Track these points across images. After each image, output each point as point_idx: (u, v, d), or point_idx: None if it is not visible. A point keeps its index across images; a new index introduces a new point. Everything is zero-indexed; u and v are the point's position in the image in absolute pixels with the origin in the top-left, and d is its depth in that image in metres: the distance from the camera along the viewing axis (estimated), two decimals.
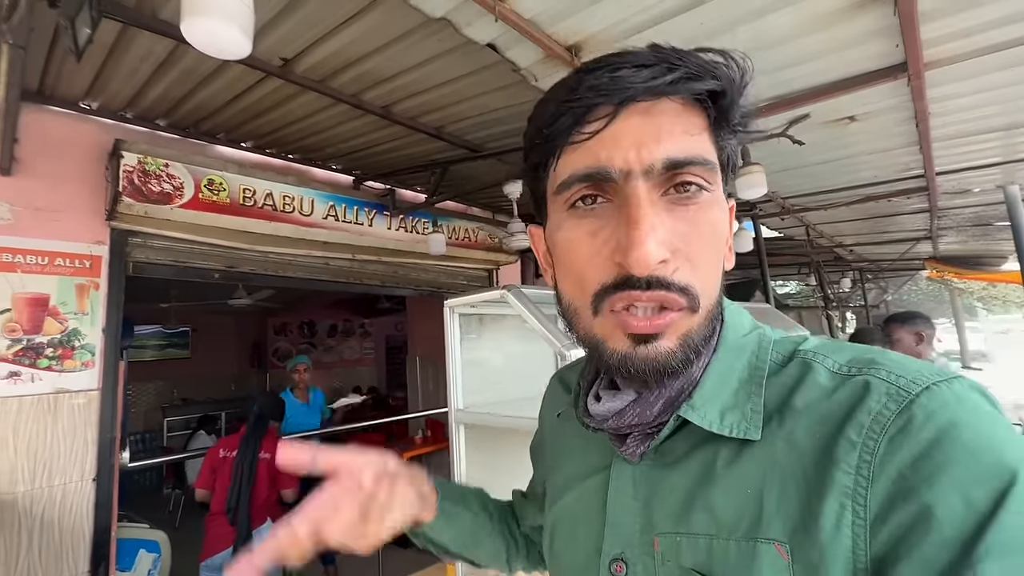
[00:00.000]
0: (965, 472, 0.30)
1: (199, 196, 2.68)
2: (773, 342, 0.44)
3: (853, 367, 0.38)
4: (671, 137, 0.37)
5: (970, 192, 3.12)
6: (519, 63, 1.58)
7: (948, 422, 0.32)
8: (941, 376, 0.34)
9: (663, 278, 0.36)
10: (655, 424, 0.42)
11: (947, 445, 0.31)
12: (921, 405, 0.33)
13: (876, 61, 1.56)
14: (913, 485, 0.31)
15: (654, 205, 0.37)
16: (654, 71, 0.37)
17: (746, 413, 0.39)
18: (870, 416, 0.34)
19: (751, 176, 2.14)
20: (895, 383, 0.35)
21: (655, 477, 0.43)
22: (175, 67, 2.08)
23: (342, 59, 1.94)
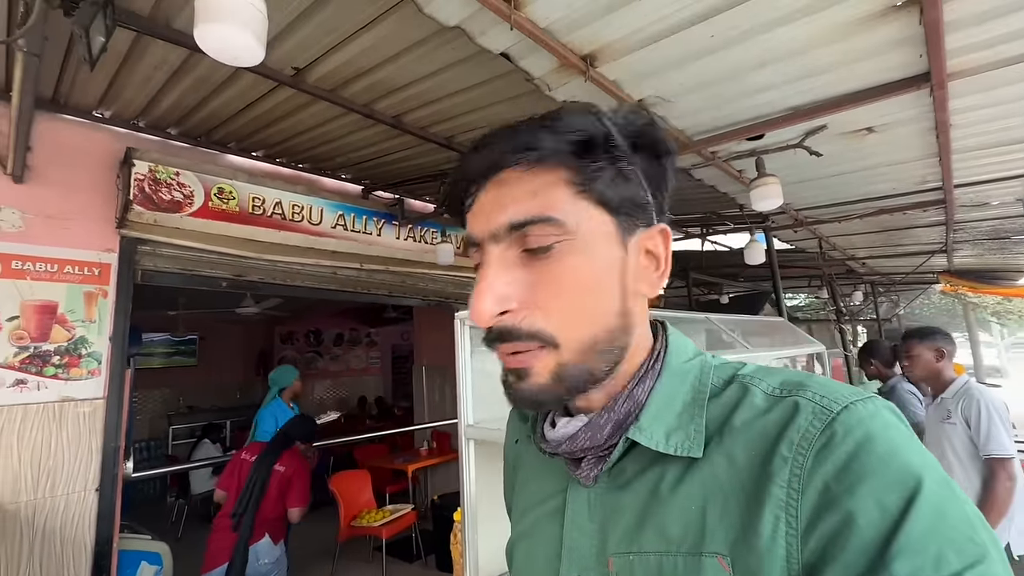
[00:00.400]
0: (879, 481, 0.33)
1: (209, 204, 2.68)
2: (714, 367, 0.46)
3: (784, 389, 0.41)
4: (515, 202, 0.41)
5: (988, 205, 3.06)
6: (533, 72, 1.56)
7: (863, 436, 0.35)
8: (858, 396, 0.38)
9: (510, 327, 0.41)
10: (606, 447, 0.45)
11: (863, 457, 0.34)
12: (841, 422, 0.36)
13: (897, 71, 1.53)
14: (836, 495, 0.34)
15: (503, 264, 0.42)
16: (495, 147, 0.42)
17: (689, 433, 0.42)
18: (799, 433, 0.37)
19: (766, 187, 2.10)
20: (819, 403, 0.38)
21: (609, 499, 0.45)
22: (188, 75, 2.08)
23: (354, 68, 1.94)
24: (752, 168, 2.48)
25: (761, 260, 3.42)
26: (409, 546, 4.39)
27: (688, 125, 1.97)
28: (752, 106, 1.79)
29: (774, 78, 1.57)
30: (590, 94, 1.68)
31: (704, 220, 4.68)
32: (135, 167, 2.43)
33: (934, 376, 2.36)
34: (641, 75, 1.56)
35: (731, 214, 4.14)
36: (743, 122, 1.92)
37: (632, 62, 1.49)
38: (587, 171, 0.42)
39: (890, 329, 8.59)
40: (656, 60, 1.47)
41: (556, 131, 0.41)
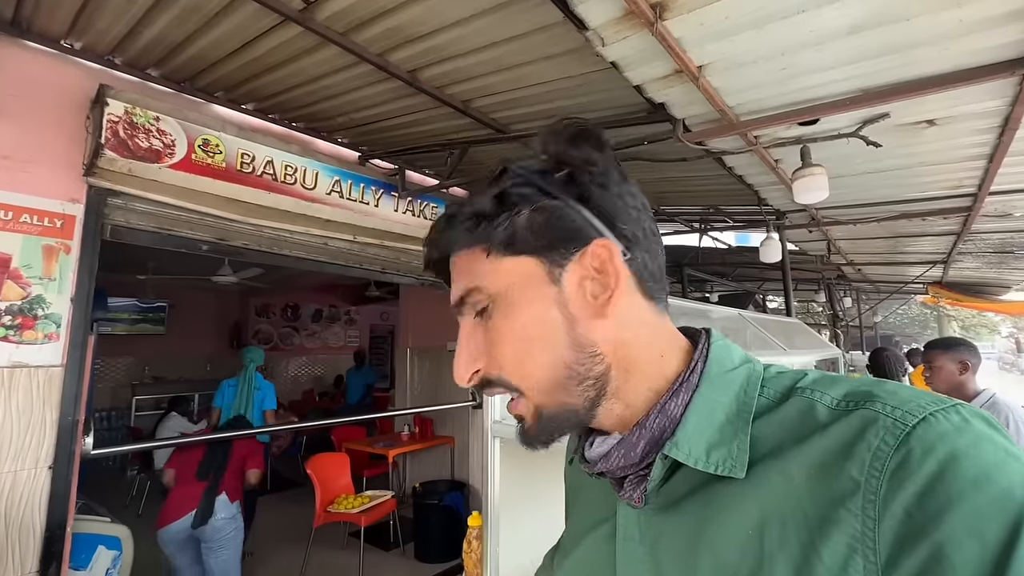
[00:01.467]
0: (972, 508, 0.29)
1: (192, 157, 2.39)
2: (765, 378, 0.44)
3: (850, 401, 0.38)
4: (458, 278, 0.47)
5: (1010, 216, 3.00)
6: (591, 21, 1.35)
7: (948, 454, 0.31)
8: (938, 405, 0.34)
9: (486, 379, 0.45)
10: (643, 465, 0.44)
11: (949, 479, 0.30)
12: (918, 437, 0.32)
13: (993, 53, 1.37)
14: (921, 525, 0.30)
15: (468, 331, 0.47)
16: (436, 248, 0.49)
17: (732, 450, 0.39)
18: (870, 452, 0.33)
19: (813, 179, 1.95)
20: (891, 415, 0.34)
21: (658, 521, 0.43)
22: (176, 3, 1.80)
23: (374, 6, 1.69)
24: (788, 159, 2.33)
25: (777, 258, 3.30)
26: (386, 534, 4.23)
27: (740, 102, 1.79)
28: (819, 84, 1.62)
29: (859, 49, 1.40)
30: (648, 53, 1.48)
31: (703, 215, 4.57)
32: (108, 107, 2.13)
33: (956, 389, 2.28)
34: (712, 34, 1.37)
35: (733, 210, 4.02)
36: (802, 103, 1.75)
37: (707, 16, 1.29)
38: (490, 235, 0.44)
39: (870, 337, 8.73)
40: (736, 16, 1.28)
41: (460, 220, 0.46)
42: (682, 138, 1.99)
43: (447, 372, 4.78)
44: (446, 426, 4.80)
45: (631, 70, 1.60)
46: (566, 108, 2.32)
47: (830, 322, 6.30)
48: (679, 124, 1.97)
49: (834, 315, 5.97)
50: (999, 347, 25.73)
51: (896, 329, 13.46)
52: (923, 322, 14.45)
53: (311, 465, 3.93)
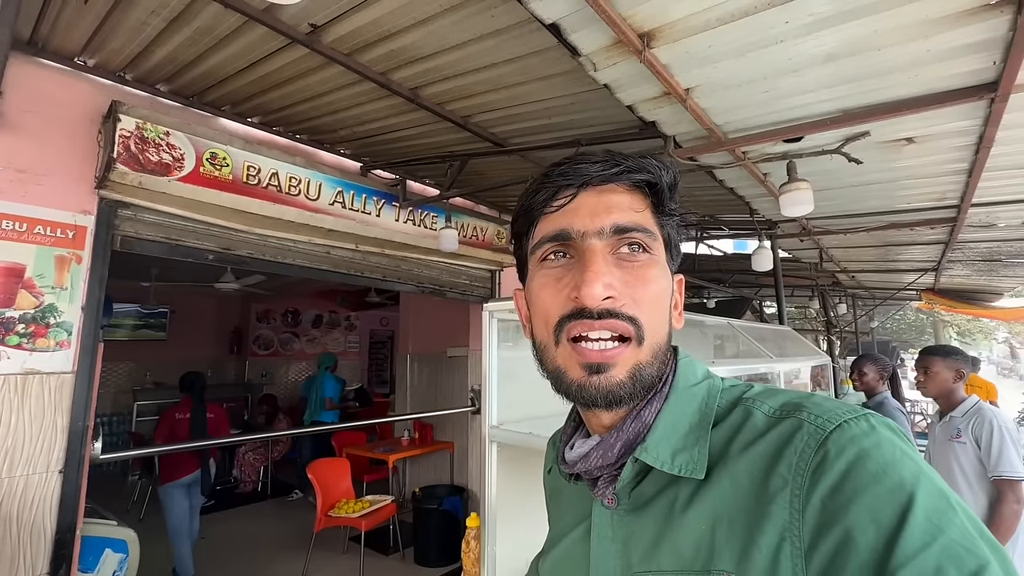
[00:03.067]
0: (872, 497, 0.34)
1: (200, 170, 2.47)
2: (721, 390, 0.49)
3: (784, 410, 0.43)
4: (619, 209, 0.48)
5: (994, 226, 3.08)
6: (583, 48, 1.44)
7: (856, 454, 0.37)
8: (852, 414, 0.40)
9: (612, 309, 0.46)
10: (618, 466, 0.48)
11: (856, 474, 0.36)
12: (834, 440, 0.38)
13: (963, 79, 1.46)
14: (833, 513, 0.35)
15: (604, 258, 0.47)
16: (604, 165, 0.49)
17: (694, 455, 0.44)
18: (796, 454, 0.39)
19: (799, 193, 2.03)
20: (814, 422, 0.40)
21: (630, 520, 0.48)
22: (189, 25, 1.89)
23: (378, 30, 1.77)
24: (776, 173, 2.41)
25: (769, 267, 3.38)
26: (386, 538, 4.27)
27: (727, 121, 1.87)
28: (800, 105, 1.71)
29: (836, 75, 1.48)
30: (638, 77, 1.57)
31: (701, 224, 4.65)
32: (121, 122, 2.21)
33: (946, 394, 2.35)
34: (697, 61, 1.46)
35: (730, 219, 4.10)
36: (785, 122, 1.84)
37: (691, 45, 1.38)
38: (665, 210, 0.51)
39: (866, 343, 8.80)
40: (718, 45, 1.37)
41: (653, 169, 0.50)
42: (673, 154, 2.07)
43: (446, 378, 4.86)
44: (445, 431, 4.85)
45: (622, 92, 1.69)
46: (562, 124, 2.41)
47: (824, 328, 6.37)
48: (670, 141, 2.06)
49: (828, 322, 6.04)
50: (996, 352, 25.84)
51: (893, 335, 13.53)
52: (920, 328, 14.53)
53: (312, 470, 3.98)
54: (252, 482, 5.94)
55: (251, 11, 1.71)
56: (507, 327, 1.48)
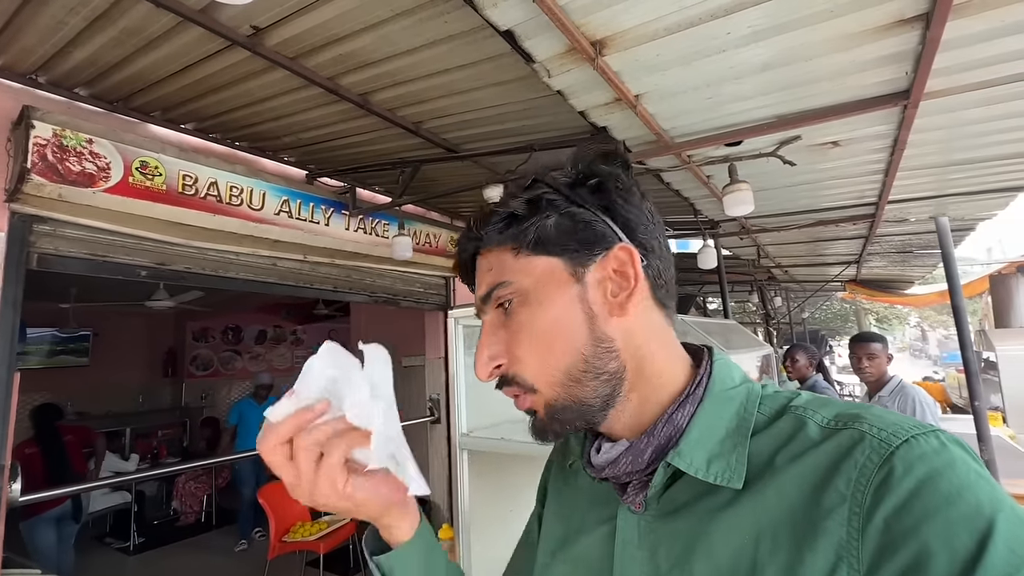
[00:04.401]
0: (946, 520, 0.32)
1: (129, 180, 2.29)
2: (762, 396, 0.47)
3: (840, 421, 0.41)
4: (481, 278, 0.50)
5: (907, 221, 3.40)
6: (537, 55, 1.46)
7: (926, 473, 0.34)
8: (920, 429, 0.37)
9: (504, 376, 0.48)
10: (648, 472, 0.46)
11: (926, 495, 0.33)
12: (901, 456, 0.35)
13: (881, 87, 1.61)
14: (900, 536, 0.33)
15: (491, 327, 0.49)
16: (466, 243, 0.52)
17: (731, 462, 0.42)
18: (856, 468, 0.36)
19: (740, 194, 2.15)
20: (877, 436, 0.37)
21: (659, 526, 0.45)
22: (114, 24, 1.75)
23: (325, 35, 1.72)
24: (718, 175, 2.55)
25: (714, 264, 3.55)
26: (347, 559, 4.11)
27: (673, 126, 1.96)
28: (740, 111, 1.81)
29: (772, 83, 1.59)
30: (590, 83, 1.61)
31: None
32: (35, 129, 2.02)
33: (882, 376, 2.56)
34: (646, 68, 1.52)
35: (675, 220, 4.28)
36: (727, 127, 1.95)
37: (641, 53, 1.43)
38: (520, 235, 0.48)
39: (799, 333, 9.43)
40: (666, 54, 1.43)
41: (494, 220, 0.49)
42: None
43: (403, 388, 4.75)
44: None
45: (575, 98, 1.73)
46: (516, 129, 2.43)
47: (763, 321, 6.77)
48: (620, 145, 2.12)
49: (766, 314, 6.42)
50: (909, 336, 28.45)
51: (822, 324, 14.61)
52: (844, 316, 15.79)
53: (264, 494, 3.77)
54: (195, 513, 5.55)
55: (186, 11, 1.61)
56: (472, 333, 1.47)
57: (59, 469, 3.51)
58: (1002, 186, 2.74)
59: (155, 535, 5.06)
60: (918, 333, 26.84)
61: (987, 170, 2.52)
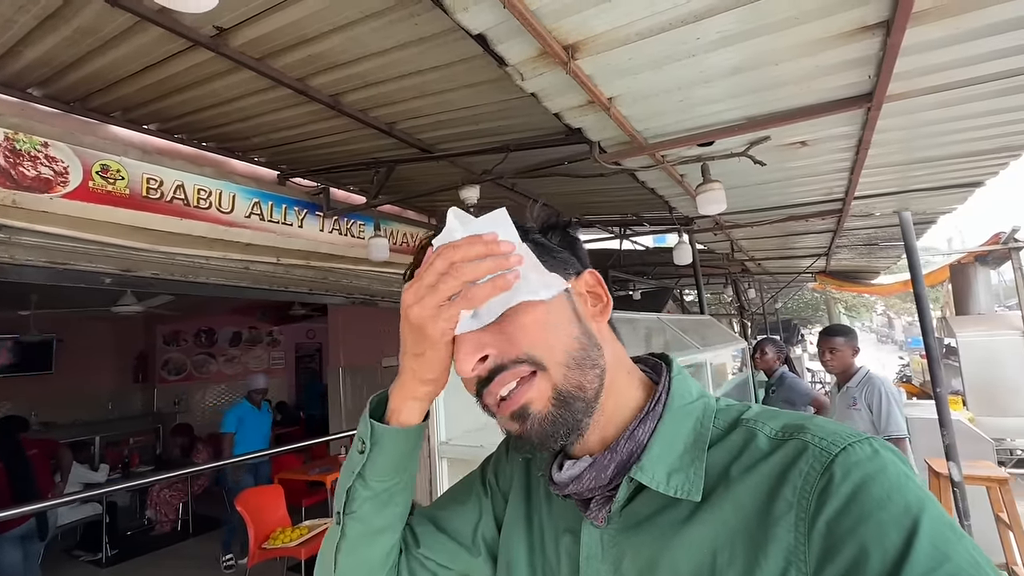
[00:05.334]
0: (878, 522, 0.34)
1: (90, 184, 2.21)
2: (717, 410, 0.48)
3: (786, 432, 0.43)
4: None
5: (872, 216, 3.51)
6: (510, 58, 1.45)
7: (861, 478, 0.37)
8: (855, 437, 0.40)
9: (495, 366, 0.45)
10: (611, 487, 0.47)
11: (862, 498, 0.36)
12: (840, 463, 0.38)
13: (846, 90, 1.65)
14: (839, 538, 0.35)
15: (473, 331, 0.46)
16: None
17: (690, 476, 0.44)
18: (801, 477, 0.39)
19: (713, 192, 2.19)
20: (819, 444, 0.40)
21: (622, 540, 0.46)
22: (67, 23, 1.68)
23: (293, 35, 1.68)
24: (692, 174, 2.58)
25: (689, 260, 3.61)
26: None
27: (647, 127, 1.97)
28: (712, 113, 1.84)
29: (741, 86, 1.61)
30: (564, 86, 1.61)
31: (623, 221, 4.88)
32: None
33: (847, 368, 2.64)
34: (618, 72, 1.52)
35: (651, 216, 4.33)
36: (699, 128, 1.97)
37: (613, 57, 1.44)
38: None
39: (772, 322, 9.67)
40: (638, 58, 1.44)
41: None
42: (599, 159, 2.15)
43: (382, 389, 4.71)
44: None
45: (549, 100, 1.73)
46: (490, 130, 2.41)
47: (738, 313, 6.92)
48: (595, 146, 2.13)
49: (741, 307, 6.57)
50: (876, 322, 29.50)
51: (793, 313, 15.01)
52: (815, 306, 16.27)
53: (242, 501, 3.70)
54: (170, 521, 5.41)
55: (144, 11, 1.55)
56: None
57: (23, 485, 3.36)
58: (960, 182, 2.85)
59: (128, 546, 4.92)
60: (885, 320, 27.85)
61: (946, 168, 2.62)
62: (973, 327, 5.53)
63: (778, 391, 3.78)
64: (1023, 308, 5.35)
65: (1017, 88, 1.66)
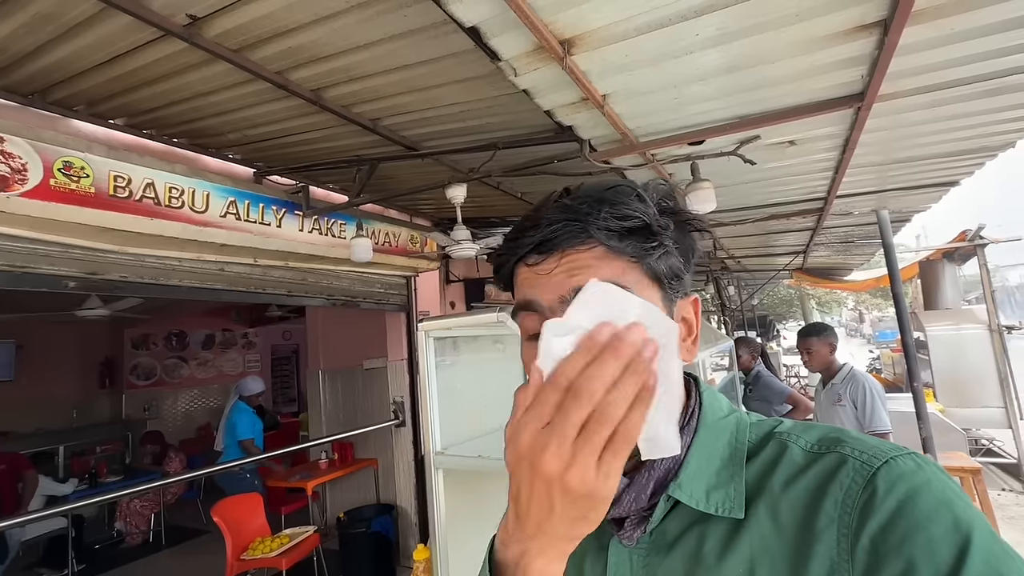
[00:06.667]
0: (927, 537, 0.34)
1: (51, 182, 2.07)
2: (750, 424, 0.48)
3: (823, 445, 0.42)
4: (584, 273, 0.43)
5: (851, 214, 3.57)
6: (504, 53, 1.40)
7: (906, 492, 0.36)
8: (897, 451, 0.39)
9: None
10: (648, 507, 0.45)
11: (908, 512, 0.35)
12: (883, 477, 0.37)
13: (838, 90, 1.65)
14: (886, 553, 0.34)
15: None
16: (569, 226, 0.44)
17: (730, 493, 0.43)
18: (842, 491, 0.38)
19: (703, 192, 2.18)
20: (859, 458, 0.39)
21: (652, 563, 0.45)
22: (24, 9, 1.55)
23: (272, 26, 1.59)
24: (680, 173, 2.57)
25: None
26: (311, 572, 3.96)
27: (639, 126, 1.95)
28: (704, 111, 1.82)
29: (737, 84, 1.60)
30: (558, 82, 1.57)
31: None
32: None
33: (827, 366, 2.68)
34: (615, 68, 1.48)
35: None
36: (691, 127, 1.96)
37: (610, 53, 1.40)
38: (642, 252, 0.44)
39: (750, 318, 9.86)
40: (635, 54, 1.40)
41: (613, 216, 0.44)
42: (589, 157, 2.12)
43: (364, 392, 4.60)
44: (368, 448, 4.61)
45: (542, 97, 1.68)
46: (478, 127, 2.36)
47: (719, 310, 7.01)
48: (586, 144, 2.10)
49: (722, 304, 6.66)
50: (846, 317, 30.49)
51: (769, 309, 15.36)
52: (789, 301, 16.69)
53: (217, 511, 3.56)
54: (141, 533, 5.20)
55: None
56: (442, 345, 1.41)
57: None
58: (936, 181, 2.92)
59: (97, 561, 4.71)
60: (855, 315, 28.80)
61: (924, 167, 2.67)
62: (941, 321, 5.72)
63: (755, 390, 3.84)
64: (987, 302, 5.56)
65: (1001, 89, 1.69)
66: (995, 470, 5.27)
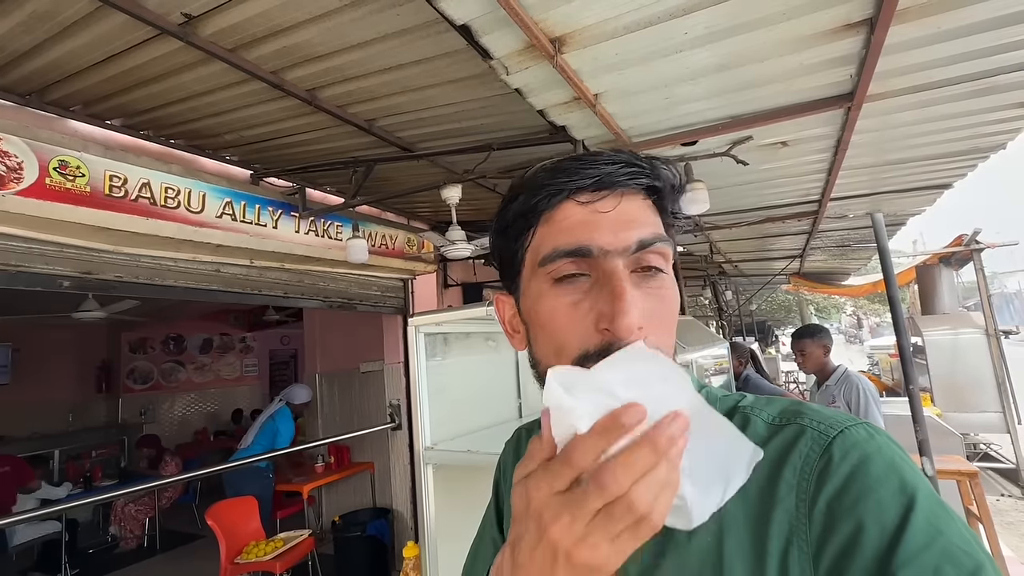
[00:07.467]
0: (876, 498, 0.36)
1: (47, 181, 2.08)
2: (717, 399, 0.49)
3: (783, 417, 0.44)
4: (639, 222, 0.43)
5: (846, 217, 3.59)
6: (495, 51, 1.41)
7: (859, 458, 0.38)
8: (851, 421, 0.41)
9: None
10: None
11: (861, 477, 0.37)
12: (838, 445, 0.39)
13: (827, 90, 1.66)
14: (839, 515, 0.36)
15: (630, 281, 0.42)
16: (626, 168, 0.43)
17: None
18: (801, 459, 0.40)
19: (696, 192, 2.19)
20: (817, 428, 0.41)
21: None
22: (21, 8, 1.57)
23: (267, 25, 1.61)
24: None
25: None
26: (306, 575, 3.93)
27: (632, 126, 1.96)
28: (696, 111, 1.84)
29: (727, 84, 1.61)
30: (549, 81, 1.58)
31: None
32: None
33: (821, 368, 2.68)
34: (605, 67, 1.50)
35: None
36: (683, 127, 1.97)
37: (600, 52, 1.41)
38: (670, 218, 0.47)
39: (748, 323, 9.85)
40: (625, 53, 1.42)
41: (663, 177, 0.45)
42: None
43: (361, 395, 4.60)
44: (364, 451, 4.59)
45: (534, 96, 1.69)
46: (472, 128, 2.37)
47: (716, 314, 7.01)
48: (579, 145, 2.11)
49: (719, 308, 6.66)
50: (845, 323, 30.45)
51: (767, 315, 15.37)
52: (787, 307, 16.72)
53: (211, 515, 3.54)
54: (136, 537, 5.16)
55: None
56: (434, 341, 1.41)
57: None
58: (931, 184, 2.94)
59: (90, 565, 4.68)
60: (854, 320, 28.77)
61: (917, 169, 2.69)
62: (939, 326, 5.71)
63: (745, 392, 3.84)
64: (984, 307, 5.56)
65: (990, 89, 1.71)
66: (993, 475, 5.25)
